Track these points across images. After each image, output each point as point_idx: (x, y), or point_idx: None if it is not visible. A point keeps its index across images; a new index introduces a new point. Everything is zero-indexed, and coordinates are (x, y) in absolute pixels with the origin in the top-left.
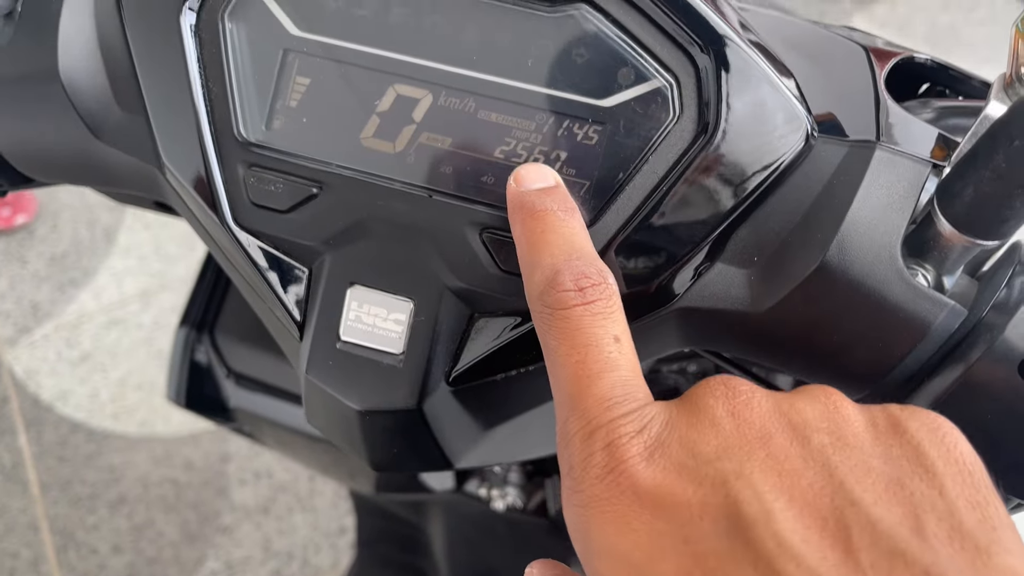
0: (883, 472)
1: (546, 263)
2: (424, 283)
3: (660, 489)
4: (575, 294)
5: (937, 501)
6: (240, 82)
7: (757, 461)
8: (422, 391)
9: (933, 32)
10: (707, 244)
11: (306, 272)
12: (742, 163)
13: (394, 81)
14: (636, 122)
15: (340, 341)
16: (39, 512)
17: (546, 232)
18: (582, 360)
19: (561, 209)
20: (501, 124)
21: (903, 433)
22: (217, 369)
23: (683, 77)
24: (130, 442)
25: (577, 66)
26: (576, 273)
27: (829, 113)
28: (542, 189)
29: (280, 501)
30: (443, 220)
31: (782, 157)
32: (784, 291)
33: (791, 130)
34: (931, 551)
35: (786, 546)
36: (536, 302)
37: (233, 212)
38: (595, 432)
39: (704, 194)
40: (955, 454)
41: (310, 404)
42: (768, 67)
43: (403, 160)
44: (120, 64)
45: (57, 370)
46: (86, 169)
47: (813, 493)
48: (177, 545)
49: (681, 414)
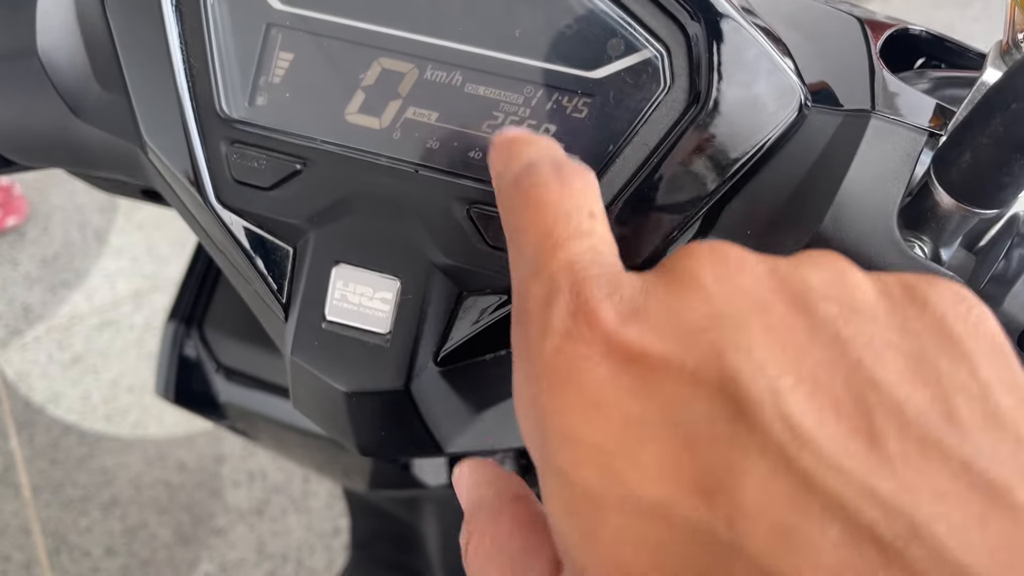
0: (904, 347)
1: (522, 159)
2: (411, 261)
3: (638, 360)
4: (552, 173)
5: (968, 382)
6: (222, 58)
7: (755, 333)
8: (409, 371)
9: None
10: (699, 217)
11: (290, 251)
12: (734, 134)
13: (379, 55)
14: (626, 93)
15: (325, 321)
16: (31, 515)
17: (525, 142)
18: (548, 228)
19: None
20: (488, 98)
21: (924, 303)
22: (206, 363)
23: (673, 46)
24: (123, 444)
25: (566, 38)
26: (556, 160)
27: (823, 83)
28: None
29: (274, 503)
30: (429, 195)
31: (775, 128)
32: None
33: (784, 100)
34: (970, 441)
35: (799, 431)
36: (509, 188)
37: (216, 190)
38: (556, 293)
39: (696, 166)
40: (983, 329)
41: (296, 388)
42: (760, 36)
43: (389, 135)
44: (99, 41)
45: (49, 372)
46: (66, 150)
47: (824, 371)
48: (171, 547)
49: (660, 280)
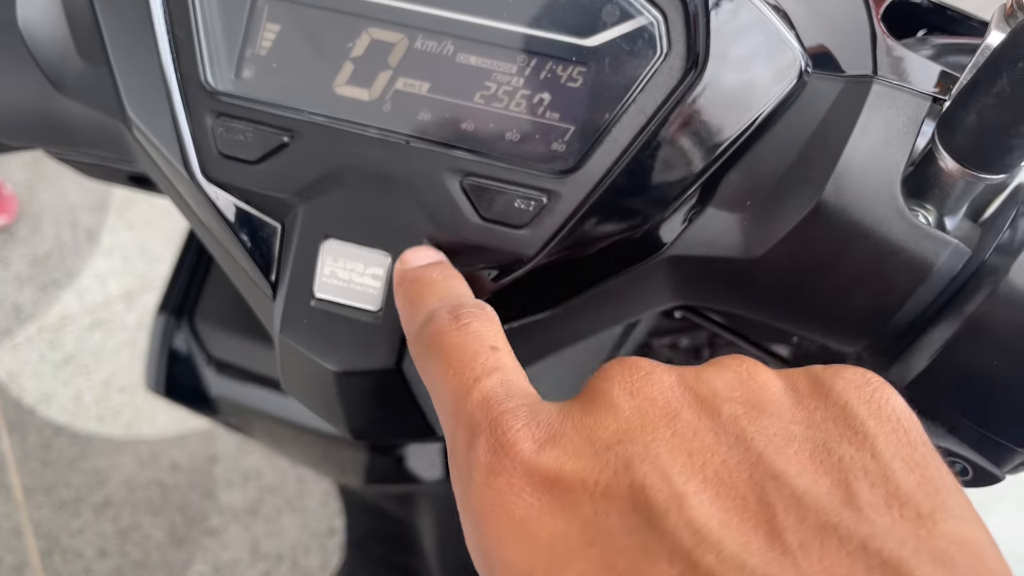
0: (807, 439)
1: (424, 311)
2: (402, 235)
3: (555, 483)
4: (449, 321)
5: (870, 464)
6: (207, 29)
7: (663, 441)
8: (401, 350)
9: None
10: (697, 187)
11: (278, 226)
12: (733, 101)
13: (368, 25)
14: (622, 61)
15: (314, 299)
16: (23, 517)
17: (425, 289)
18: (458, 372)
19: (441, 275)
20: (481, 68)
21: (827, 393)
22: (197, 356)
23: (670, 12)
24: (115, 444)
25: (559, 4)
26: (453, 307)
27: (824, 48)
28: (426, 264)
29: (268, 502)
30: (421, 167)
31: (775, 95)
32: (779, 235)
33: (784, 66)
34: (867, 522)
35: (703, 534)
36: (414, 344)
37: (202, 164)
38: (477, 432)
39: (693, 134)
40: (887, 411)
41: (285, 368)
42: (759, 1)
43: (379, 107)
44: (81, 12)
45: (40, 372)
46: (48, 127)
47: (728, 470)
48: (164, 548)
49: (576, 404)
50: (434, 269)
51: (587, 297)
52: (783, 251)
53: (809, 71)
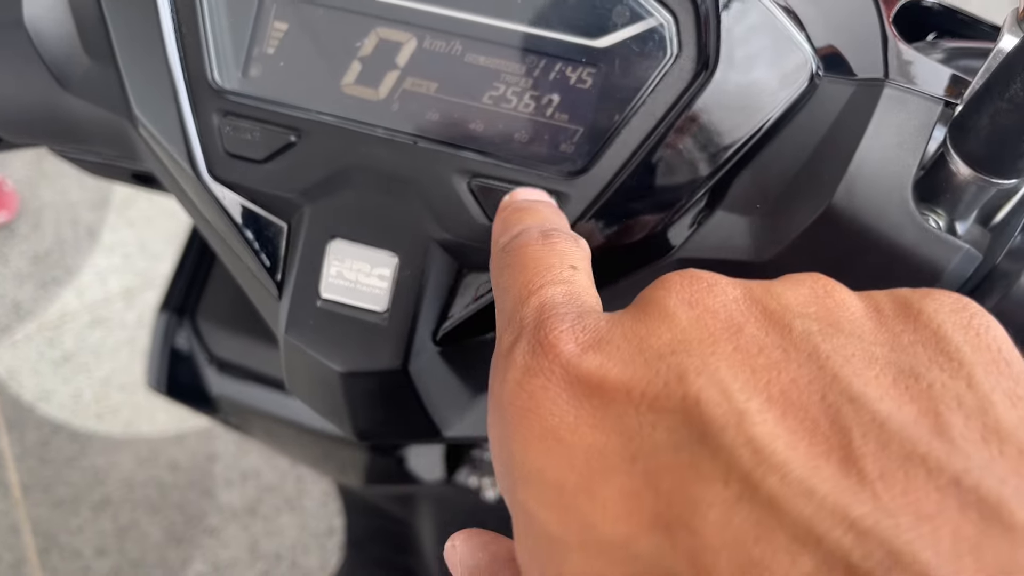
0: (891, 361)
1: (516, 228)
2: (409, 236)
3: (597, 390)
4: (538, 236)
5: (965, 394)
6: (215, 27)
7: (723, 355)
8: (407, 351)
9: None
10: (707, 190)
11: (284, 226)
12: (743, 104)
13: (376, 24)
14: (632, 62)
15: (321, 299)
16: (21, 515)
17: (523, 213)
18: (528, 279)
19: (547, 208)
20: (489, 68)
21: (917, 316)
22: (199, 355)
23: (681, 14)
24: (114, 443)
25: (569, 5)
26: (546, 229)
27: (835, 50)
28: (534, 199)
29: (267, 502)
30: (429, 168)
31: (786, 98)
32: (789, 238)
33: (795, 69)
34: (961, 455)
35: (766, 454)
36: (496, 256)
37: (208, 163)
38: (522, 333)
39: (704, 137)
40: (986, 339)
41: (290, 369)
42: (770, 3)
43: (387, 107)
44: (88, 9)
45: (39, 370)
46: (54, 125)
47: (798, 390)
48: (162, 547)
49: (628, 312)
50: (538, 199)
51: None
52: (793, 254)
53: (820, 74)
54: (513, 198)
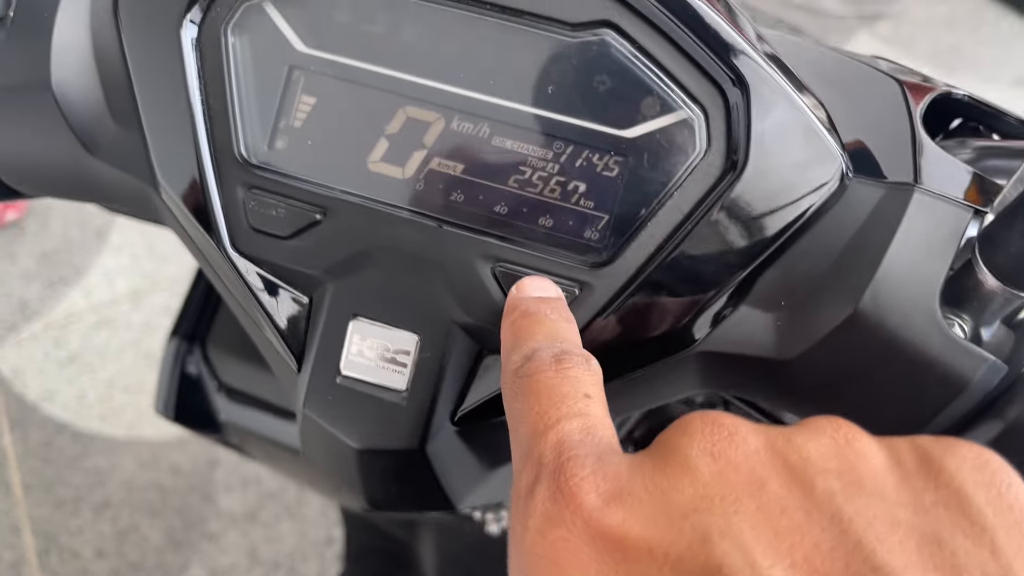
0: (914, 526)
1: (526, 347)
2: (431, 317)
3: (619, 546)
4: (550, 362)
5: (988, 563)
6: (242, 99)
7: (746, 515)
8: (425, 431)
9: (936, 51)
10: (732, 286)
11: (306, 301)
12: (772, 203)
13: (404, 103)
14: (660, 155)
15: (340, 376)
16: (21, 514)
17: (534, 324)
18: (543, 412)
19: (555, 314)
20: (516, 152)
21: (939, 472)
22: (208, 382)
23: (712, 110)
24: (116, 445)
25: (598, 94)
26: (557, 351)
27: (865, 150)
28: (540, 297)
29: (268, 509)
30: (453, 252)
31: (815, 198)
32: (813, 339)
33: (825, 170)
34: None
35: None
36: (507, 379)
37: (231, 236)
38: (541, 475)
39: (731, 234)
40: (1008, 498)
41: (306, 438)
42: (803, 103)
43: (412, 186)
44: (116, 76)
45: (44, 370)
46: (77, 184)
47: (821, 556)
48: (162, 551)
49: (649, 459)
50: (548, 305)
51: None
52: (817, 355)
53: (850, 176)
54: (521, 292)
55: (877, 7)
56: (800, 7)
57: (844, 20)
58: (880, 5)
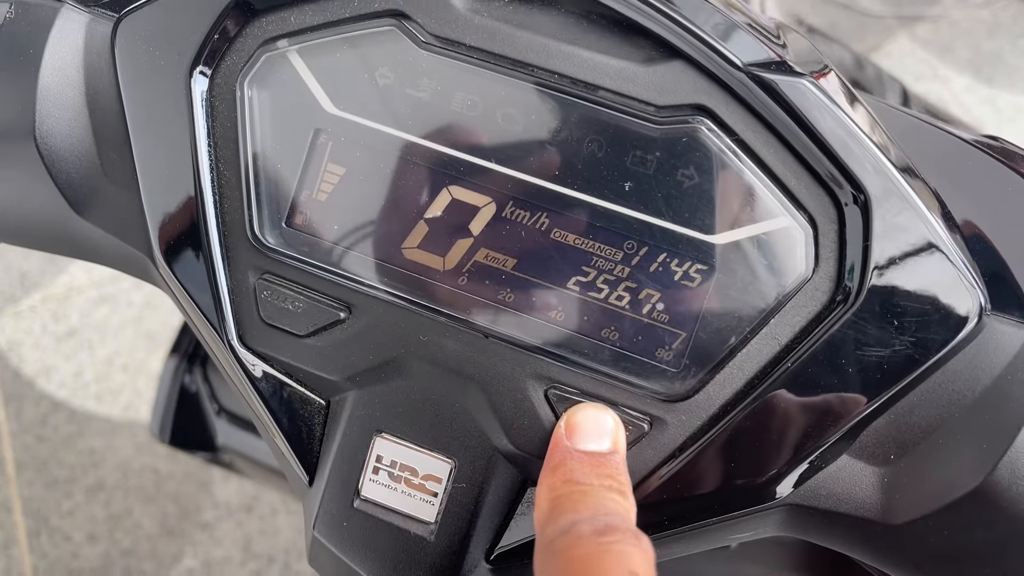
0: None
1: (567, 518)
2: (469, 441)
3: None
4: (591, 535)
5: None
6: (258, 165)
7: None
8: (455, 572)
9: (977, 57)
10: (835, 437)
11: (324, 405)
12: (890, 341)
13: (450, 182)
14: (754, 270)
15: (359, 499)
16: (13, 492)
17: (574, 497)
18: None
19: (602, 485)
20: (579, 248)
21: None
22: (207, 404)
23: (822, 223)
24: (113, 425)
25: (683, 190)
26: (601, 525)
27: (1005, 280)
28: (590, 453)
29: (264, 500)
30: (500, 368)
31: (944, 339)
32: (929, 507)
33: (959, 305)
34: None
35: None
36: (542, 549)
37: (239, 328)
38: None
39: (836, 376)
40: None
41: (316, 558)
42: (936, 224)
43: (454, 280)
44: (111, 129)
45: (41, 344)
46: (62, 243)
47: None
48: (154, 538)
49: None
50: (600, 470)
51: (678, 533)
52: (932, 526)
53: (988, 312)
54: (572, 438)
55: (916, 8)
56: (838, 4)
57: (882, 20)
58: (920, 7)
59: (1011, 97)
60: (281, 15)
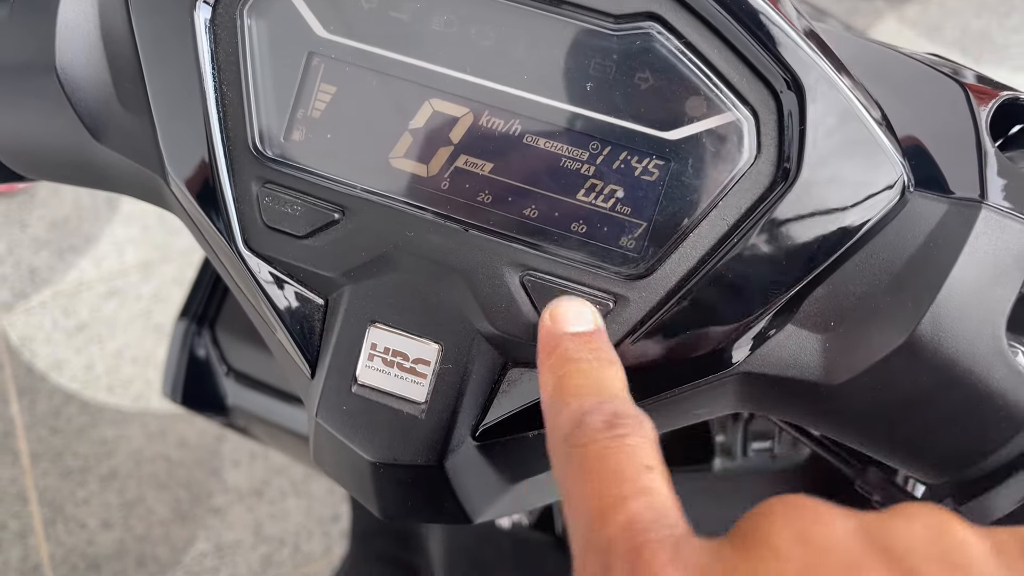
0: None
1: (573, 405)
2: (454, 326)
3: None
4: (603, 429)
5: None
6: (258, 86)
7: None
8: (444, 447)
9: (964, 36)
10: (779, 305)
11: (322, 304)
12: (826, 217)
13: (430, 95)
14: (705, 160)
15: (356, 384)
16: (28, 483)
17: (578, 376)
18: (603, 490)
19: (596, 358)
20: (549, 151)
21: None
22: (216, 366)
23: (763, 113)
24: (124, 416)
25: (640, 92)
26: (608, 413)
27: (927, 161)
28: (577, 334)
29: (274, 484)
30: (480, 258)
31: (872, 212)
32: (864, 364)
33: (885, 182)
34: None
35: None
36: (559, 445)
37: (244, 234)
38: (614, 562)
39: (779, 249)
40: None
41: (318, 447)
42: (863, 109)
43: (437, 184)
44: (124, 58)
45: (53, 338)
46: (81, 171)
47: None
48: (167, 524)
49: (731, 544)
50: (589, 345)
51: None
52: (867, 381)
53: (912, 189)
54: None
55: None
56: None
57: (872, 2)
58: None
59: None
60: None
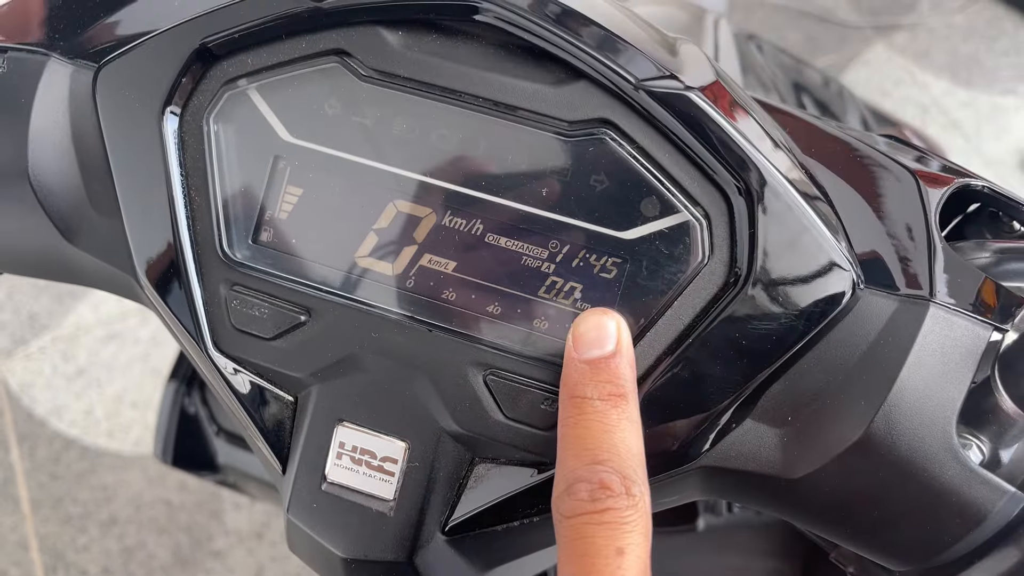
0: None
1: (570, 465)
2: (420, 424)
3: None
4: (587, 503)
5: None
6: (225, 191)
7: None
8: (413, 543)
9: (954, 61)
10: (736, 403)
11: (292, 401)
12: (778, 315)
13: (394, 196)
14: (659, 261)
15: (326, 482)
16: (29, 530)
17: (578, 426)
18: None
19: (601, 397)
20: (510, 250)
21: None
22: (206, 426)
23: (715, 215)
24: (124, 461)
25: (596, 193)
26: (595, 482)
27: (878, 257)
28: (593, 361)
29: (274, 527)
30: (443, 358)
31: (824, 310)
32: (822, 460)
33: (835, 281)
34: None
35: None
36: (553, 507)
37: (213, 335)
38: None
39: (734, 347)
40: None
41: (292, 539)
42: (812, 213)
43: (402, 284)
44: (95, 164)
45: (52, 384)
46: (54, 269)
47: None
48: (168, 569)
49: None
50: (599, 377)
51: None
52: (825, 476)
53: (862, 286)
54: (579, 348)
55: (893, 18)
56: (816, 17)
57: (860, 30)
58: (896, 15)
59: (989, 97)
60: (240, 58)
